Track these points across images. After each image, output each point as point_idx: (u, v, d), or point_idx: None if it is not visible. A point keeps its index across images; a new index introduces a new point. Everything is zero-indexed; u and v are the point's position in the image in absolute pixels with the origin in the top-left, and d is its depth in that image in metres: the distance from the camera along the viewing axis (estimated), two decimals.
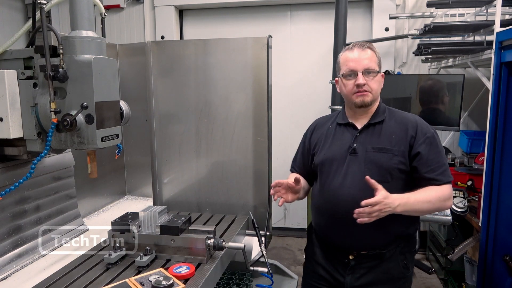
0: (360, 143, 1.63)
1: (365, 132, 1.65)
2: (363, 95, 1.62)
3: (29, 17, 3.78)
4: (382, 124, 1.64)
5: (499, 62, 2.24)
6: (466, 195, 2.67)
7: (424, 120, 1.67)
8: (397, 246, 1.64)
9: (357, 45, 1.65)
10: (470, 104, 3.83)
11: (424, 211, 1.58)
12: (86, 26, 1.45)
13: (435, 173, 1.56)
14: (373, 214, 1.43)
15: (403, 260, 1.65)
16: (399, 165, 1.58)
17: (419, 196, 1.53)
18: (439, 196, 1.55)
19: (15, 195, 1.69)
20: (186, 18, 4.79)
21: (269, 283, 2.24)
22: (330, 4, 3.64)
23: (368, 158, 1.60)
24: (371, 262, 1.63)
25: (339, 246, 1.67)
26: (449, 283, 3.28)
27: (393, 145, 1.59)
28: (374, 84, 1.62)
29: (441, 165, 1.58)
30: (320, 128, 1.81)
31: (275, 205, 1.93)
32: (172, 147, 2.42)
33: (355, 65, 1.61)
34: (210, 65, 2.29)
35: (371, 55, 1.63)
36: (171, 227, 1.63)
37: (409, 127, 1.61)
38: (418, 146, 1.58)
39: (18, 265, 1.67)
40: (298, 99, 4.58)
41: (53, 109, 1.39)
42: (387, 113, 1.68)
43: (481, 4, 2.75)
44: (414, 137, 1.59)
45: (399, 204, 1.46)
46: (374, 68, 1.61)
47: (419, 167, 1.57)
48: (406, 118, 1.66)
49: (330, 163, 1.67)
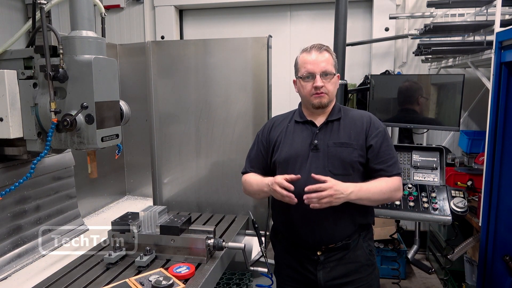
0: (320, 139, 1.69)
1: (324, 129, 1.71)
2: (320, 97, 1.68)
3: (29, 17, 3.78)
4: (340, 121, 1.72)
5: (499, 62, 2.23)
6: (466, 195, 2.66)
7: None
8: (360, 235, 1.72)
9: (315, 47, 1.70)
10: (470, 104, 3.83)
11: (376, 200, 1.64)
12: (86, 26, 1.45)
13: (385, 165, 1.66)
14: (323, 200, 1.50)
15: (367, 247, 1.73)
16: (359, 158, 1.66)
17: (371, 185, 1.62)
18: (389, 187, 1.63)
19: (15, 195, 1.69)
20: (186, 18, 4.79)
21: (269, 283, 2.24)
22: (330, 4, 3.64)
23: (330, 153, 1.66)
24: (338, 253, 1.68)
25: (307, 242, 1.69)
26: (449, 283, 3.28)
27: (352, 139, 1.67)
28: (330, 86, 1.68)
29: (391, 157, 1.68)
30: (277, 126, 1.82)
31: None
32: (172, 147, 2.42)
33: (313, 68, 1.66)
34: (210, 65, 2.29)
35: (328, 57, 1.69)
36: (171, 227, 1.63)
37: (364, 122, 1.71)
38: (371, 139, 1.67)
39: (18, 265, 1.67)
40: (298, 99, 4.57)
41: (53, 109, 1.39)
42: (342, 111, 1.76)
43: (481, 4, 2.74)
44: (368, 131, 1.69)
45: (352, 192, 1.54)
46: (331, 71, 1.67)
47: (371, 158, 1.67)
48: (360, 115, 1.76)
49: (294, 160, 1.69)
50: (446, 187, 2.64)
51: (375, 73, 3.98)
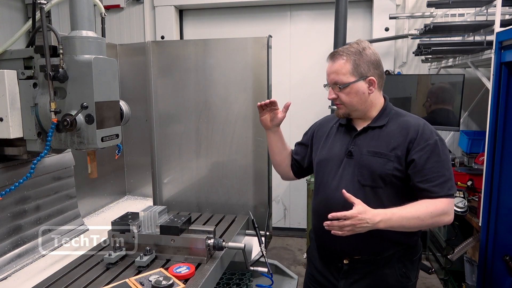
0: (357, 145, 1.58)
1: (364, 135, 1.59)
2: (338, 108, 1.61)
3: (29, 17, 3.78)
4: (382, 128, 1.56)
5: (499, 62, 2.23)
6: (466, 195, 2.67)
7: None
8: (394, 253, 1.56)
9: (330, 55, 1.59)
10: (470, 104, 3.83)
11: (413, 227, 1.46)
12: (86, 26, 1.45)
13: (430, 184, 1.44)
14: (346, 228, 1.37)
15: (401, 268, 1.57)
16: (393, 171, 1.48)
17: (405, 211, 1.42)
18: (431, 212, 1.42)
19: (15, 195, 1.69)
20: (186, 18, 4.79)
21: (269, 283, 2.24)
22: (330, 4, 3.64)
23: (362, 161, 1.53)
24: (365, 268, 1.58)
25: (333, 249, 1.64)
26: (449, 283, 3.28)
27: (390, 149, 1.50)
28: (344, 97, 1.55)
29: (440, 176, 1.45)
30: (324, 126, 1.78)
31: (275, 205, 1.93)
32: (172, 147, 2.42)
33: (327, 78, 1.59)
34: (210, 65, 2.29)
35: (340, 66, 1.53)
36: (171, 227, 1.63)
37: (410, 132, 1.51)
38: (414, 153, 1.47)
39: (18, 265, 1.67)
40: (298, 99, 4.58)
41: (53, 109, 1.39)
42: (391, 117, 1.59)
43: (481, 4, 2.75)
44: (413, 142, 1.48)
45: (381, 220, 1.38)
46: (341, 81, 1.53)
47: (413, 175, 1.47)
48: (409, 122, 1.54)
49: (326, 163, 1.64)
50: None
51: None
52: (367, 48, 1.55)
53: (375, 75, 1.55)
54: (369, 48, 1.56)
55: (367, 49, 1.55)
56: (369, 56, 1.54)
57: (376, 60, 1.56)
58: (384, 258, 1.56)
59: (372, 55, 1.55)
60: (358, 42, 1.58)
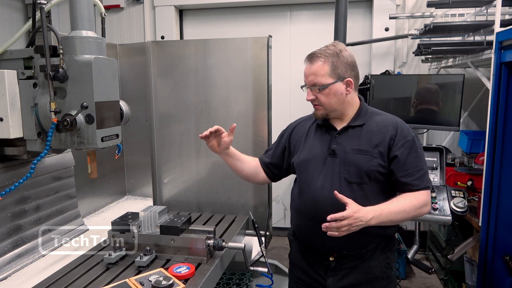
0: (339, 144, 1.61)
1: (345, 134, 1.63)
2: (316, 109, 1.64)
3: (29, 17, 3.78)
4: (362, 127, 1.62)
5: (499, 62, 2.23)
6: (466, 195, 2.67)
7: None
8: (377, 245, 1.63)
9: (308, 56, 1.61)
10: (470, 104, 3.83)
11: (399, 220, 1.54)
12: (86, 26, 1.45)
13: (412, 178, 1.53)
14: (343, 228, 1.39)
15: (385, 259, 1.64)
16: (378, 168, 1.55)
17: (392, 206, 1.49)
18: (414, 204, 1.51)
19: (15, 195, 1.70)
20: (186, 18, 4.79)
21: (269, 283, 2.24)
22: (330, 4, 3.64)
23: (347, 159, 1.57)
24: (352, 262, 1.62)
25: (320, 248, 1.64)
26: (449, 283, 3.28)
27: (373, 147, 1.57)
28: (323, 98, 1.58)
29: (419, 169, 1.55)
30: (301, 127, 1.79)
31: (275, 205, 1.93)
32: (172, 147, 2.42)
33: (305, 80, 1.61)
34: (210, 65, 2.29)
35: (319, 67, 1.56)
36: (171, 227, 1.63)
37: (390, 129, 1.58)
38: (396, 149, 1.55)
39: (18, 265, 1.67)
40: (298, 99, 4.57)
41: (53, 109, 1.39)
42: (368, 116, 1.65)
43: (481, 4, 2.74)
44: (394, 139, 1.56)
45: (373, 217, 1.43)
46: (320, 83, 1.56)
47: (396, 170, 1.55)
48: (387, 121, 1.63)
49: (309, 164, 1.65)
50: (446, 187, 2.64)
51: (375, 73, 3.98)
52: (343, 50, 1.60)
53: (351, 77, 1.60)
54: (345, 50, 1.61)
55: (344, 51, 1.60)
56: (346, 58, 1.59)
57: (353, 62, 1.62)
58: (369, 251, 1.61)
59: (349, 57, 1.60)
60: (334, 44, 1.62)
